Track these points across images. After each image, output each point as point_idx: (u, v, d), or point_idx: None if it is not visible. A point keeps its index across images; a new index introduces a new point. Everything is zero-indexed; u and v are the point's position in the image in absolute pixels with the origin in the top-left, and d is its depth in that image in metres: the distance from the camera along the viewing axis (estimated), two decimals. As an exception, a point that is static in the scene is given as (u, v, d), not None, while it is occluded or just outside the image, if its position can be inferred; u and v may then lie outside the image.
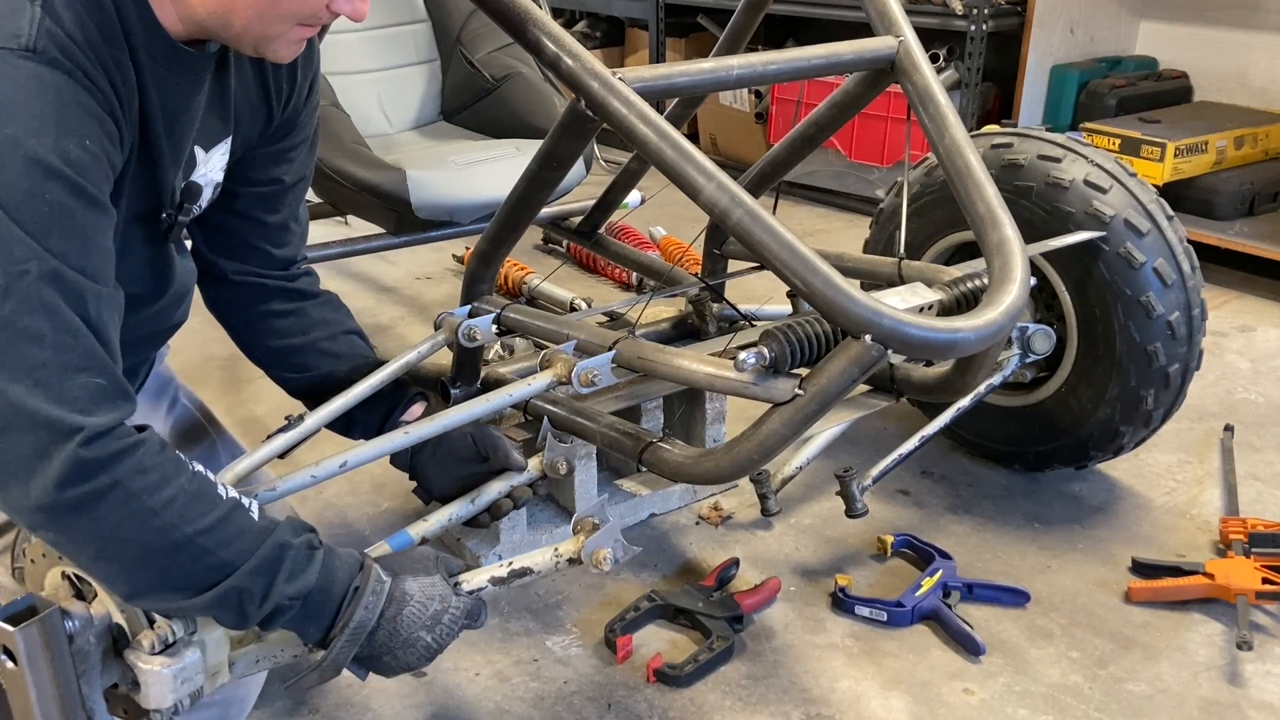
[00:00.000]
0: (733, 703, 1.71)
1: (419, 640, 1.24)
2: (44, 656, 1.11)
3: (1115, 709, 1.69)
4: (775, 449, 1.37)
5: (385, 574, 1.25)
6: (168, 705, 1.20)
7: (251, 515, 1.18)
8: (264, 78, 1.42)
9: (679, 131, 1.34)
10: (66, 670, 1.14)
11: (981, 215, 1.47)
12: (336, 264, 3.56)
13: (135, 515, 1.07)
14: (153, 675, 1.18)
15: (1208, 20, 3.89)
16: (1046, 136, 2.11)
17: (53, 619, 1.11)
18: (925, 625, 1.88)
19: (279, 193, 1.53)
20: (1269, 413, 2.60)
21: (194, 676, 1.21)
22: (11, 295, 1.03)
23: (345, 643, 1.21)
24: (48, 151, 1.05)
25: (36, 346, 1.04)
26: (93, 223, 1.10)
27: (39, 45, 1.07)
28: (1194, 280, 2.01)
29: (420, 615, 1.25)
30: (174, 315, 1.50)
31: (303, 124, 1.52)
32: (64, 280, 1.06)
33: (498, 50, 2.98)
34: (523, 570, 1.37)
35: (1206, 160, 3.46)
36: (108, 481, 1.05)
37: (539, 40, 1.41)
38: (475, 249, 1.78)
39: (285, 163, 1.52)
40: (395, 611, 1.23)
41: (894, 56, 1.60)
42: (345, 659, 1.22)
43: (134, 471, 1.07)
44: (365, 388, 1.57)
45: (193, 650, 1.20)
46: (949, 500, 2.24)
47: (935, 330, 1.27)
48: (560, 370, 1.51)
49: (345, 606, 1.21)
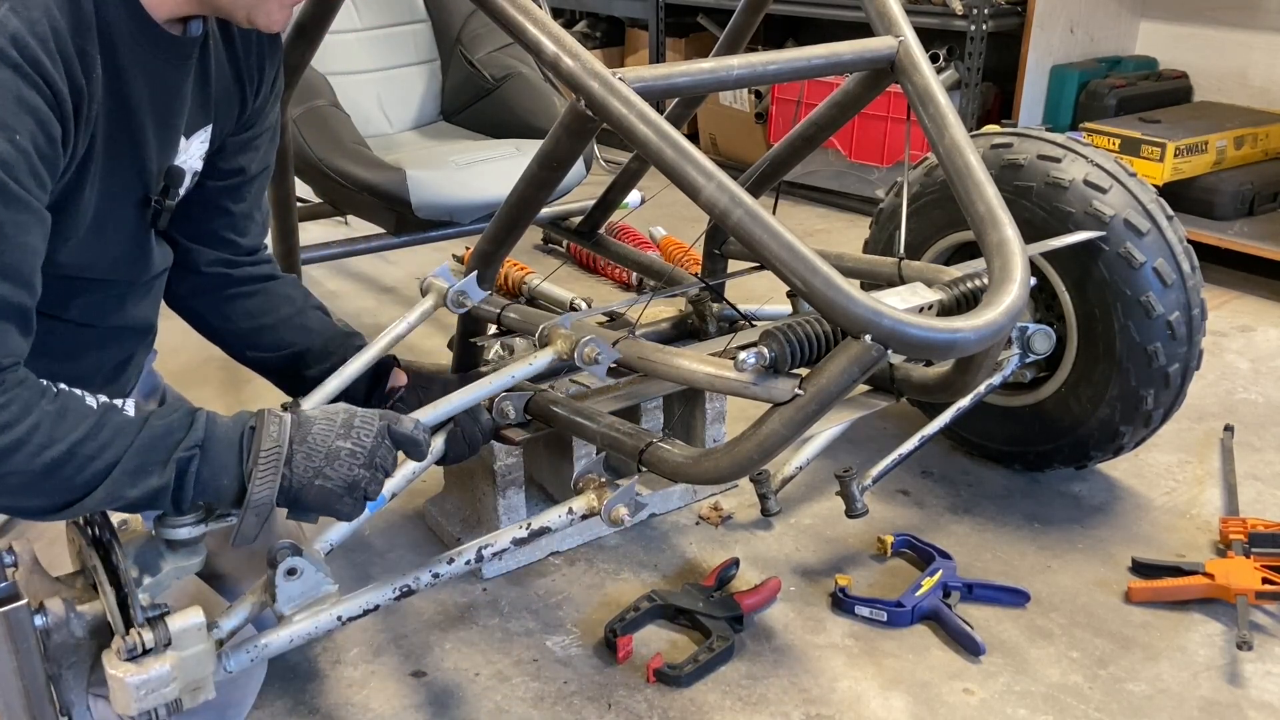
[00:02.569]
0: (733, 703, 1.71)
1: (340, 450, 1.22)
2: (6, 647, 1.13)
3: (1115, 709, 1.69)
4: (775, 449, 1.37)
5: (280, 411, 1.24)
6: (133, 713, 1.19)
7: (126, 413, 1.18)
8: (237, 66, 1.43)
9: (679, 131, 1.33)
10: (32, 663, 1.15)
11: (981, 215, 1.47)
12: (336, 264, 3.57)
13: (6, 450, 1.08)
14: (116, 682, 1.19)
15: (1208, 20, 3.89)
16: (1046, 136, 2.11)
17: (16, 614, 1.13)
18: (925, 625, 1.88)
19: (244, 183, 1.55)
20: (1269, 413, 2.60)
21: (162, 689, 1.20)
22: None
23: (263, 471, 1.19)
24: None
25: None
26: (12, 219, 1.10)
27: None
28: (1194, 280, 2.01)
29: (329, 428, 1.23)
30: (154, 301, 1.52)
31: (268, 113, 1.54)
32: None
33: (498, 50, 2.98)
34: (541, 529, 1.44)
35: (1206, 160, 3.46)
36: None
37: (539, 40, 1.41)
38: (475, 249, 1.78)
39: (251, 151, 1.53)
40: (304, 433, 1.22)
41: (894, 56, 1.60)
42: (270, 491, 1.20)
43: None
44: (359, 365, 1.57)
45: (163, 664, 1.19)
46: (949, 500, 2.25)
47: (935, 330, 1.27)
48: (561, 346, 1.50)
49: (245, 440, 1.20)
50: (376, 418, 1.28)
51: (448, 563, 1.45)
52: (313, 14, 1.89)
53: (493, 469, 1.97)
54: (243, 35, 1.42)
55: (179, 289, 1.60)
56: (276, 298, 1.63)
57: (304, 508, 1.24)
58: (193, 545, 1.29)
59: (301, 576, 1.32)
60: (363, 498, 1.25)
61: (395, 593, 1.42)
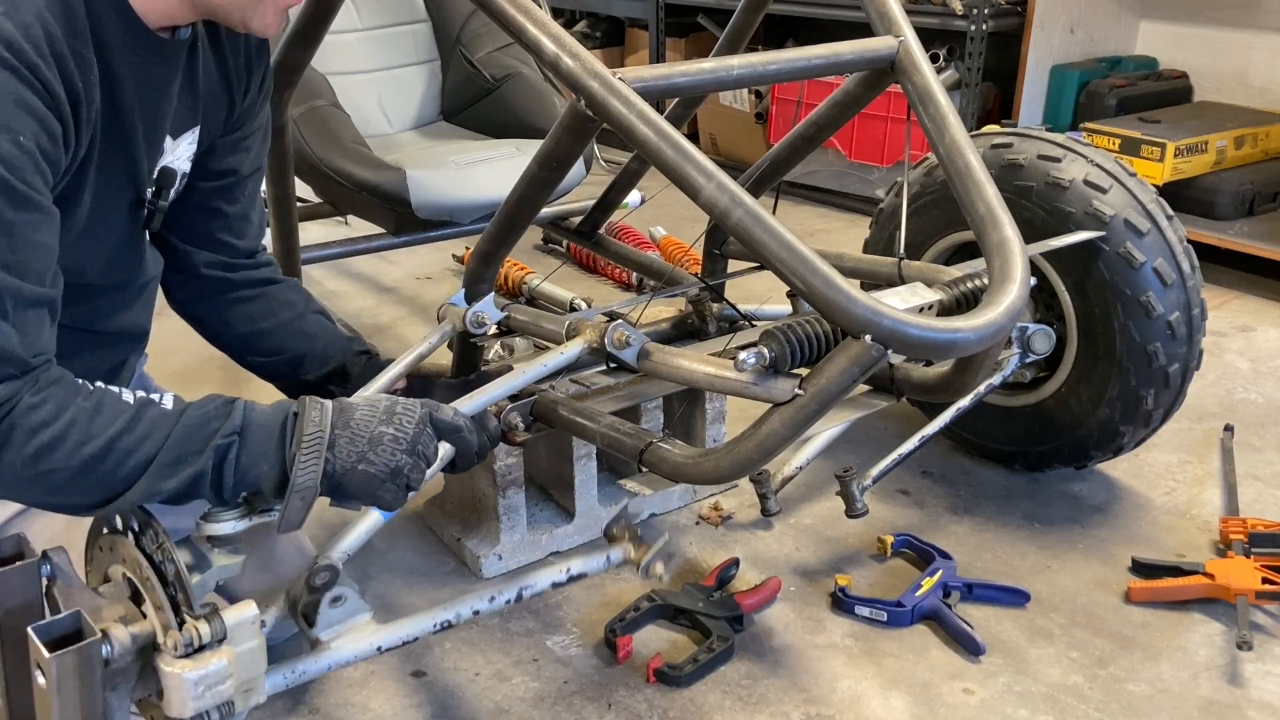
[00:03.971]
0: (733, 703, 1.71)
1: (383, 435, 1.21)
2: (74, 684, 1.08)
3: (1115, 709, 1.69)
4: (775, 449, 1.37)
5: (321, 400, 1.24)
6: (188, 714, 1.16)
7: (163, 406, 1.18)
8: (225, 68, 1.44)
9: (679, 131, 1.34)
10: (94, 696, 1.11)
11: (981, 215, 1.47)
12: (336, 264, 3.57)
13: (44, 449, 1.09)
14: (174, 679, 1.16)
15: (1208, 20, 3.89)
16: (1046, 136, 2.11)
17: (90, 650, 1.08)
18: (925, 625, 1.88)
19: (236, 183, 1.55)
20: (1269, 413, 2.60)
21: (219, 686, 1.17)
22: None
23: (306, 456, 1.18)
24: None
25: None
26: (22, 219, 1.11)
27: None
28: (1194, 280, 2.01)
29: (372, 414, 1.23)
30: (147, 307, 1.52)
31: (258, 114, 1.54)
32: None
33: (498, 50, 2.98)
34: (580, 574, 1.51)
35: (1206, 160, 3.46)
36: (5, 429, 1.08)
37: (539, 40, 1.41)
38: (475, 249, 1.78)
39: (242, 152, 1.53)
40: (345, 418, 1.21)
41: (894, 56, 1.60)
42: (314, 475, 1.18)
43: (26, 409, 1.09)
44: (379, 386, 1.57)
45: (219, 658, 1.17)
46: (949, 500, 2.24)
47: (935, 330, 1.27)
48: (591, 335, 1.51)
49: (288, 426, 1.20)
50: (418, 406, 1.27)
51: (489, 600, 1.49)
52: (312, 14, 1.89)
53: (493, 469, 1.97)
54: (230, 37, 1.42)
55: (180, 295, 1.60)
56: (276, 302, 1.63)
57: (346, 495, 1.23)
58: (234, 544, 1.28)
59: (344, 604, 1.32)
60: (405, 485, 1.23)
61: (436, 626, 1.44)
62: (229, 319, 1.61)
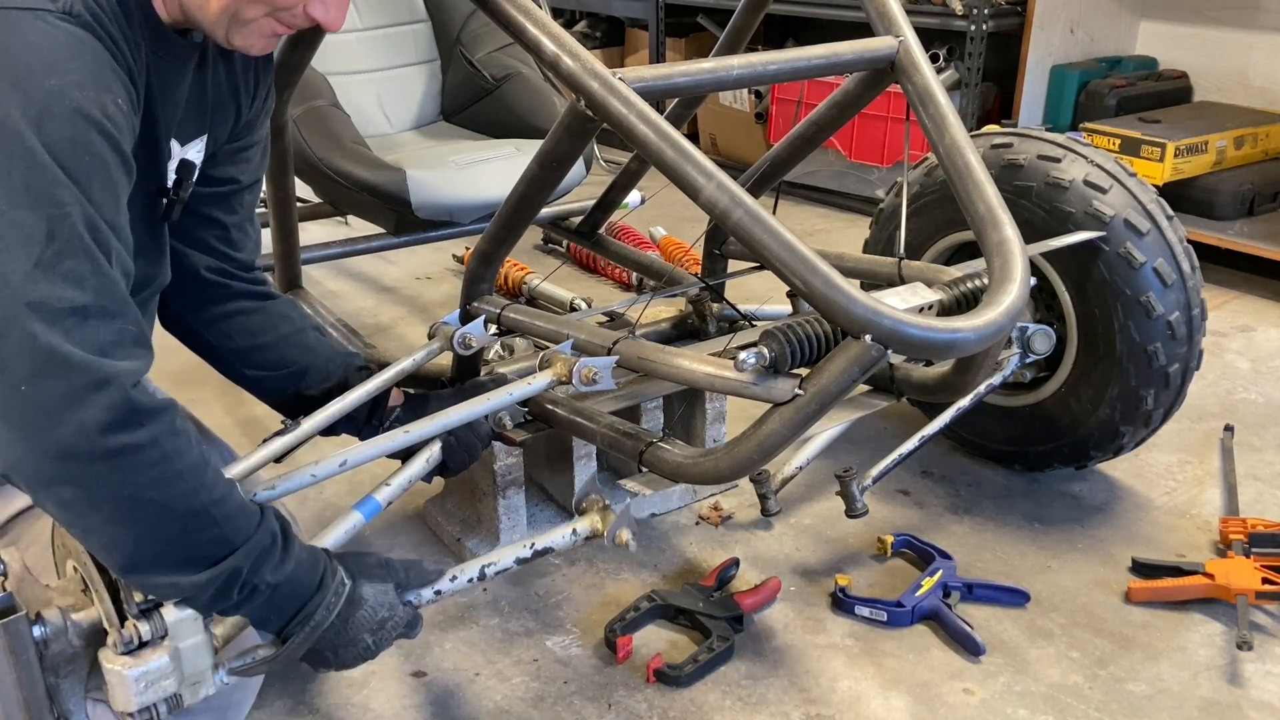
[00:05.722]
0: (733, 703, 1.71)
1: (361, 642, 1.30)
2: (7, 659, 1.12)
3: (1115, 709, 1.69)
4: (775, 449, 1.37)
5: (346, 577, 1.28)
6: (133, 709, 1.19)
7: (244, 496, 1.21)
8: (233, 77, 1.45)
9: (679, 131, 1.34)
10: (31, 675, 1.14)
11: (981, 215, 1.47)
12: (336, 264, 3.57)
13: (164, 476, 1.08)
14: (115, 676, 1.18)
15: (1208, 20, 3.89)
16: (1046, 136, 2.11)
17: (15, 625, 1.12)
18: (925, 625, 1.88)
19: (235, 193, 1.55)
20: (1269, 413, 2.60)
21: (161, 682, 1.19)
22: (56, 238, 1.04)
23: (302, 639, 1.25)
24: (90, 104, 1.08)
25: (77, 289, 1.04)
26: (121, 180, 1.13)
27: (74, 9, 1.11)
28: (1194, 280, 2.01)
29: (369, 620, 1.30)
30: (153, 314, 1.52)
31: (260, 125, 1.56)
32: (99, 230, 1.08)
33: (498, 50, 2.98)
34: (545, 549, 1.49)
35: (1206, 160, 3.46)
36: (147, 437, 1.06)
37: (539, 40, 1.41)
38: (475, 249, 1.78)
39: (243, 163, 1.54)
40: (348, 614, 1.28)
41: (894, 56, 1.60)
42: (299, 654, 1.26)
43: (169, 431, 1.09)
44: (362, 393, 1.57)
45: (160, 655, 1.19)
46: (949, 500, 2.25)
47: (935, 330, 1.27)
48: (560, 369, 1.52)
49: (310, 603, 1.24)
50: (404, 624, 1.35)
51: (450, 579, 1.46)
52: (312, 14, 1.89)
53: (493, 469, 1.97)
54: None
55: (178, 305, 1.59)
56: (275, 316, 1.63)
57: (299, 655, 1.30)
58: None
59: None
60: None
61: None
62: (228, 331, 1.60)
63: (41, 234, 1.03)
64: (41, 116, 1.04)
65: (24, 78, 1.05)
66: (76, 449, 1.02)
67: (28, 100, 1.04)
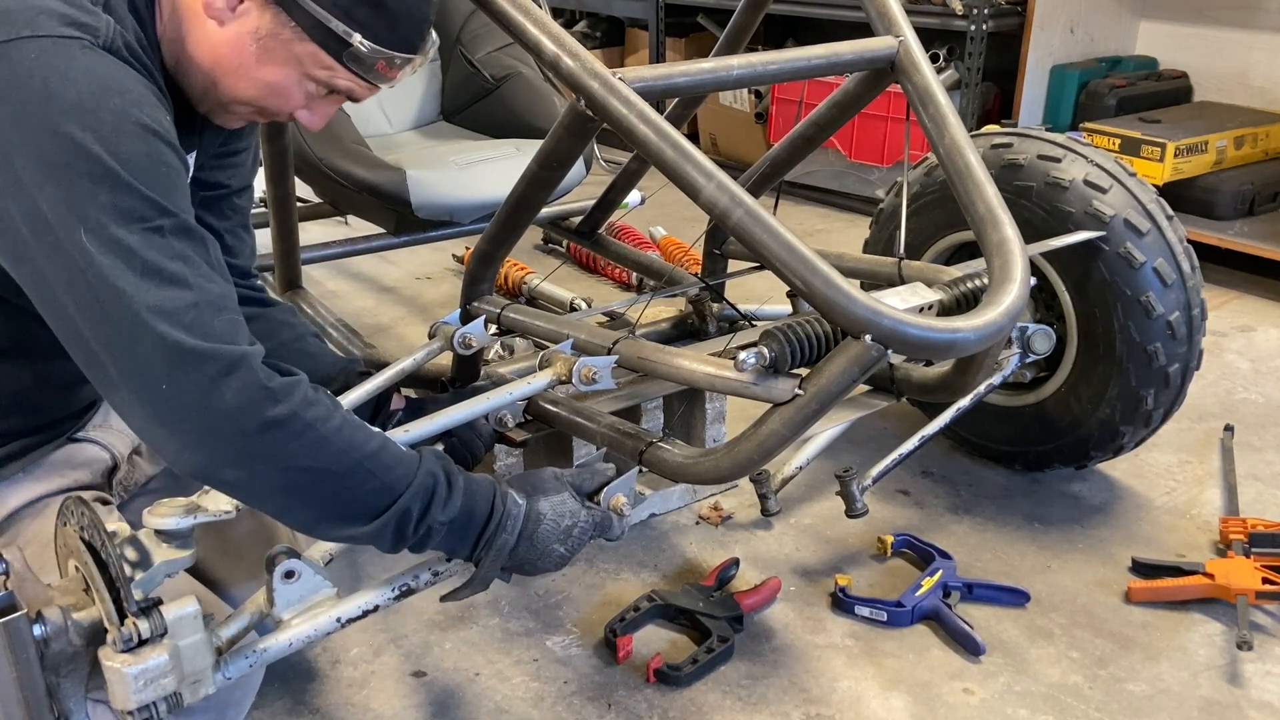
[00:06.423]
0: (733, 703, 1.71)
1: (554, 551, 1.36)
2: (7, 658, 1.12)
3: (1115, 709, 1.69)
4: (775, 449, 1.37)
5: (520, 496, 1.33)
6: (132, 706, 1.18)
7: (400, 445, 1.26)
8: None
9: (679, 131, 1.34)
10: (31, 673, 1.14)
11: (981, 215, 1.47)
12: (336, 264, 3.57)
13: (313, 443, 1.14)
14: (114, 673, 1.17)
15: (1208, 20, 3.89)
16: (1046, 136, 2.11)
17: (15, 624, 1.12)
18: (925, 625, 1.88)
19: (224, 198, 1.56)
20: (1269, 413, 2.60)
21: (161, 680, 1.19)
22: (151, 247, 1.09)
23: (491, 562, 1.32)
24: (152, 120, 1.13)
25: (183, 290, 1.10)
26: (186, 186, 1.18)
27: (114, 46, 1.16)
28: (1194, 280, 2.01)
29: (554, 531, 1.35)
30: None
31: (250, 132, 1.57)
32: (191, 232, 1.15)
33: (498, 50, 2.98)
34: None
35: (1206, 160, 3.46)
36: (286, 411, 1.12)
37: (539, 40, 1.41)
38: (475, 249, 1.79)
39: (231, 168, 1.56)
40: (532, 530, 1.33)
41: (894, 56, 1.60)
42: (493, 575, 1.34)
43: (305, 401, 1.15)
44: (362, 393, 1.58)
45: (159, 653, 1.18)
46: (949, 500, 2.25)
47: (935, 330, 1.27)
48: (560, 369, 1.52)
49: (488, 528, 1.30)
50: (592, 526, 1.39)
51: (446, 559, 1.45)
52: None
53: (493, 469, 1.97)
54: None
55: None
56: (274, 323, 1.63)
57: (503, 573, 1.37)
58: (183, 538, 1.28)
59: (299, 580, 1.32)
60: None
61: (395, 592, 1.41)
62: None
63: (140, 247, 1.09)
64: (114, 136, 1.09)
65: (89, 99, 1.09)
66: (225, 432, 1.10)
67: (99, 121, 1.09)
